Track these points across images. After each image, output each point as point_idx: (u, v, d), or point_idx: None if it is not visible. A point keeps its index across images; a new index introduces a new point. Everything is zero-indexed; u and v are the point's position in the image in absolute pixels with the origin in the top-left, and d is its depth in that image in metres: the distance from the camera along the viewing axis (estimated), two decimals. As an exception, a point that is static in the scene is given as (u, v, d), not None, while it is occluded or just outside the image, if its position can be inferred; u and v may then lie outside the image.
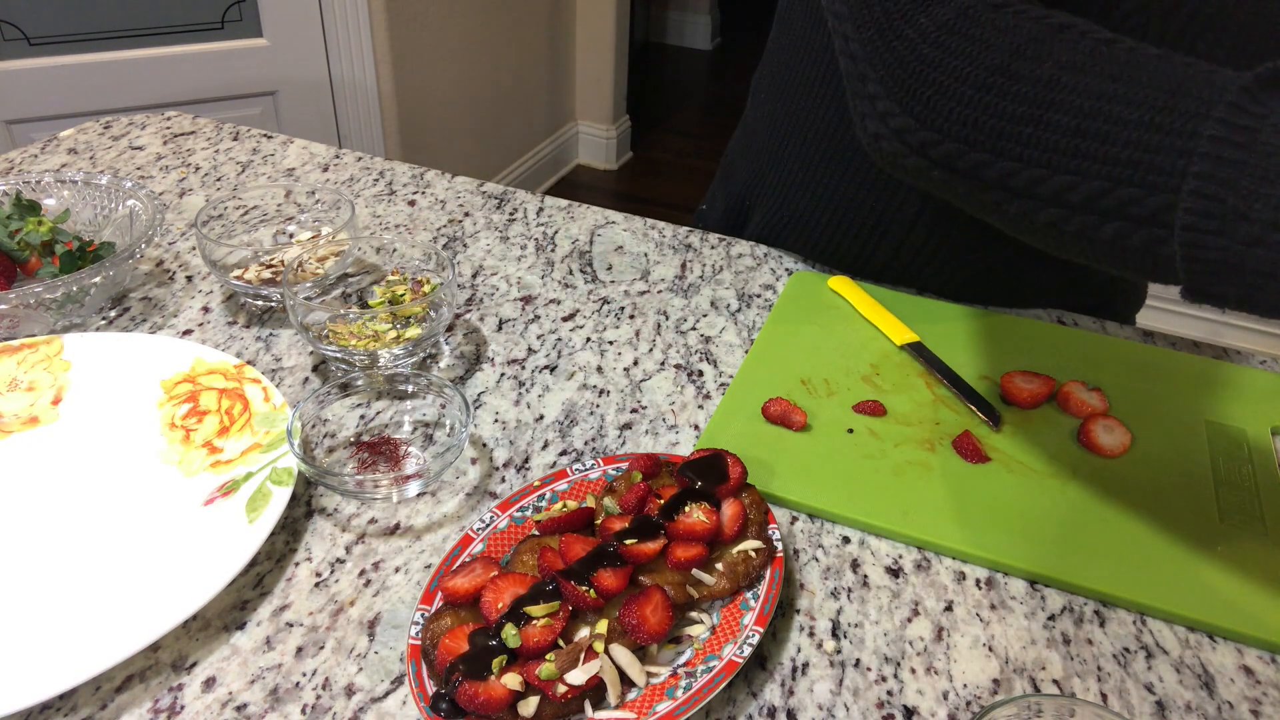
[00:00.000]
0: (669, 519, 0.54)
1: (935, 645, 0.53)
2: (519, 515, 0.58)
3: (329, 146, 1.08)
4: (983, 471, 0.64)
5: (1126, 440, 0.66)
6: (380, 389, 0.68)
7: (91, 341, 0.71)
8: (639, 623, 0.48)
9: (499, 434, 0.67)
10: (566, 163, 3.36)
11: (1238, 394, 0.72)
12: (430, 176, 1.03)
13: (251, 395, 0.66)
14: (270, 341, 0.76)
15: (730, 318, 0.81)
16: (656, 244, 0.92)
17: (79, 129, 1.09)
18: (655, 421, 0.69)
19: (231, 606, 0.54)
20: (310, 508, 0.61)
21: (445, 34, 2.43)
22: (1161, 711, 0.50)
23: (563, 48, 3.08)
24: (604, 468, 0.61)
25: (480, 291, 0.84)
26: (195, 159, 1.04)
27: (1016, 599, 0.56)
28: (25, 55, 1.83)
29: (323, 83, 2.19)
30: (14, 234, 0.77)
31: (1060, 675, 0.52)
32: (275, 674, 0.50)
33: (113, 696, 0.49)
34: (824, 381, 0.72)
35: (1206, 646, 0.54)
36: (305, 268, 0.76)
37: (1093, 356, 0.76)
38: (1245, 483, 0.64)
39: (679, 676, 0.49)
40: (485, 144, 2.81)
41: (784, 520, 0.61)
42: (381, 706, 0.49)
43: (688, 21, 4.58)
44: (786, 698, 0.50)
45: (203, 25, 1.99)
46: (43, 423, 0.65)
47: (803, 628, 0.54)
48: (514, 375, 0.73)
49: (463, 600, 0.51)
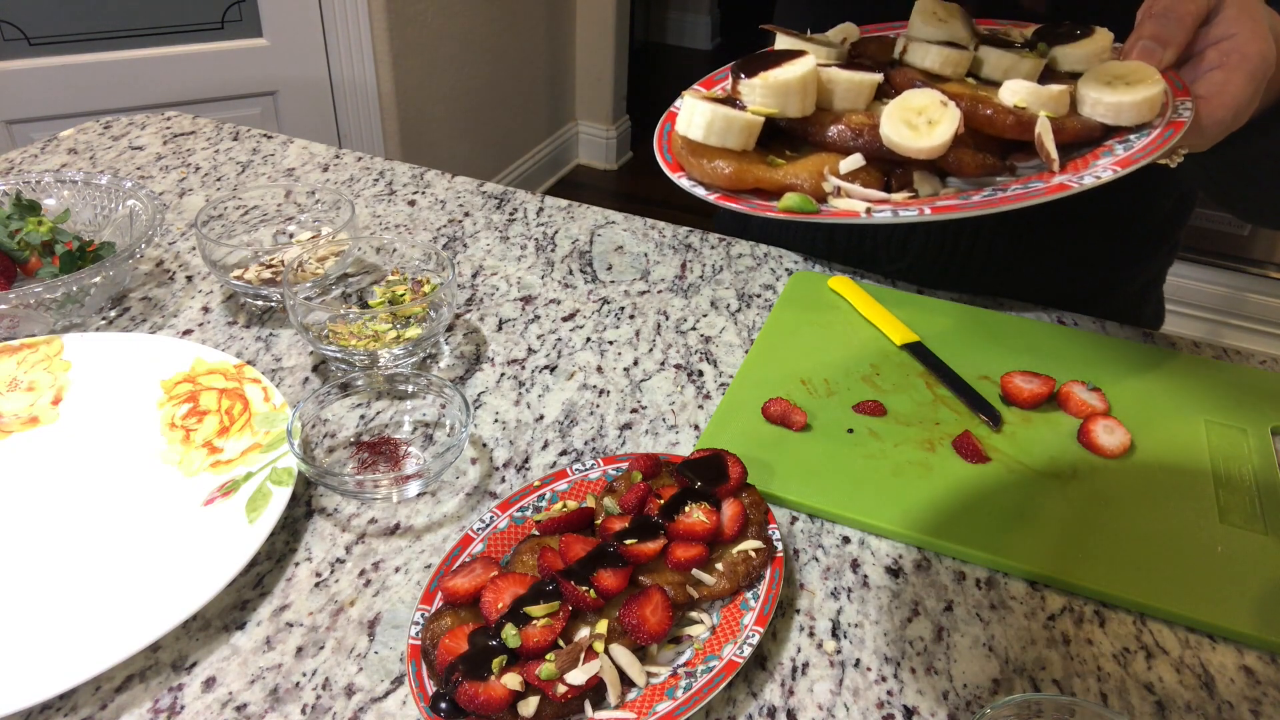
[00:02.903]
0: (669, 519, 0.54)
1: (935, 645, 0.53)
2: (519, 515, 0.58)
3: (329, 146, 1.08)
4: (983, 471, 0.64)
5: (1126, 440, 0.66)
6: (380, 389, 0.68)
7: (91, 341, 0.71)
8: (639, 623, 0.48)
9: (499, 434, 0.67)
10: (566, 163, 3.36)
11: (1238, 394, 0.72)
12: (430, 176, 1.03)
13: (251, 395, 0.66)
14: (270, 341, 0.76)
15: (730, 318, 0.81)
16: (656, 244, 0.92)
17: (79, 129, 1.09)
18: (655, 421, 0.69)
19: (231, 606, 0.54)
20: (310, 508, 0.61)
21: (445, 34, 2.43)
22: (1161, 711, 0.50)
23: (562, 48, 3.08)
24: (604, 468, 0.61)
25: (480, 291, 0.84)
26: (195, 159, 1.04)
27: (1016, 599, 0.56)
28: (25, 55, 1.83)
29: (323, 83, 2.19)
30: (14, 234, 0.77)
31: (1060, 675, 0.52)
32: (275, 674, 0.50)
33: (113, 696, 0.49)
34: (824, 381, 0.72)
35: (1206, 646, 0.54)
36: (305, 268, 0.76)
37: (1093, 356, 0.76)
38: (1245, 483, 0.64)
39: (679, 676, 0.49)
40: (485, 144, 2.81)
41: (784, 520, 0.61)
42: (381, 706, 0.49)
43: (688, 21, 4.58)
44: (786, 698, 0.50)
45: (203, 25, 1.99)
46: (43, 423, 0.65)
47: (803, 628, 0.54)
48: (514, 375, 0.73)
49: (463, 600, 0.51)
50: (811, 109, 0.43)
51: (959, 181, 0.42)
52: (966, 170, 0.41)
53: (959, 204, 0.38)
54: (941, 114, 0.40)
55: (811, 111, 0.43)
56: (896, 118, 0.40)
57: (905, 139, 0.39)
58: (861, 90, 0.44)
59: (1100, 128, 0.42)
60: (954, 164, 0.40)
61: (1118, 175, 0.38)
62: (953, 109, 0.40)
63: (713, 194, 0.41)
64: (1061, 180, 0.38)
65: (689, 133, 0.41)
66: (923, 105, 0.40)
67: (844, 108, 0.44)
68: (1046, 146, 0.40)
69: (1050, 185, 0.38)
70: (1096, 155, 0.41)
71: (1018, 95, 0.42)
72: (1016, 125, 0.41)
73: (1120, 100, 0.41)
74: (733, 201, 0.40)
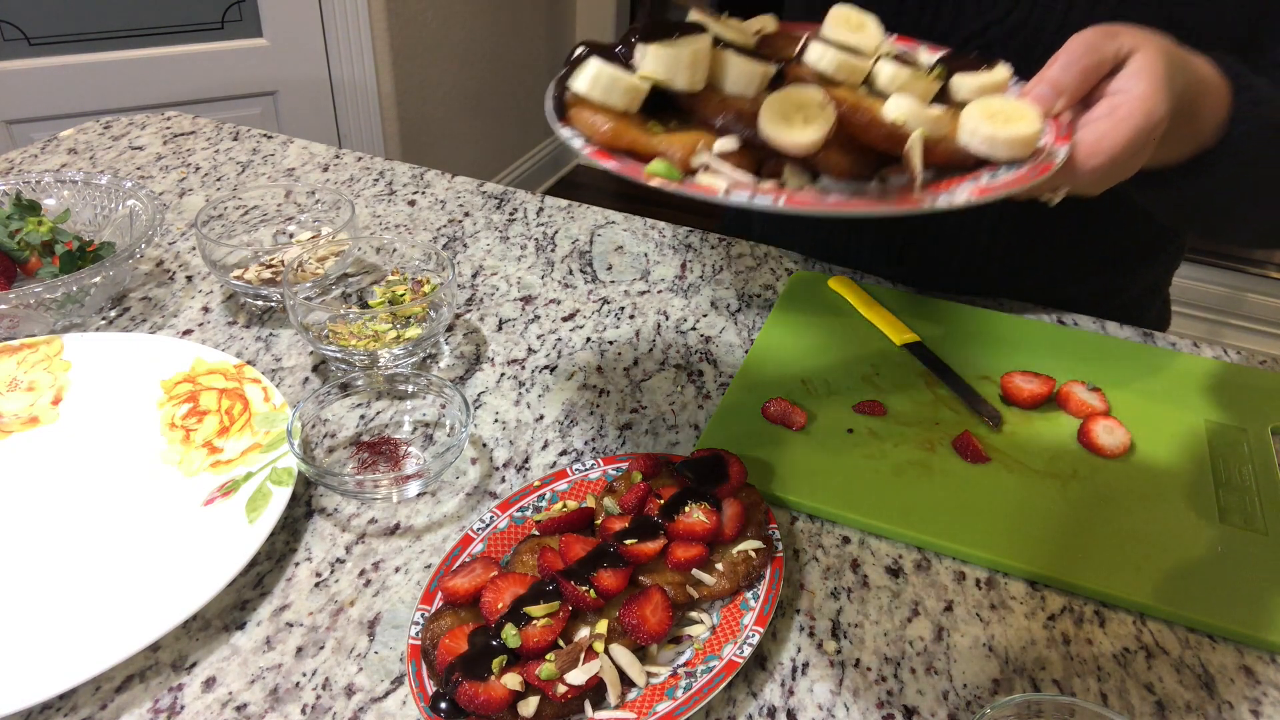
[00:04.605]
0: (669, 519, 0.54)
1: (935, 645, 0.53)
2: (519, 515, 0.58)
3: (329, 146, 1.08)
4: (983, 471, 0.64)
5: (1126, 440, 0.66)
6: (380, 389, 0.68)
7: (91, 341, 0.71)
8: (639, 623, 0.48)
9: (499, 434, 0.67)
10: (566, 163, 3.36)
11: (1238, 394, 0.72)
12: (430, 176, 1.03)
13: (251, 395, 0.66)
14: (270, 341, 0.76)
15: (730, 318, 0.81)
16: (656, 244, 0.92)
17: (79, 129, 1.09)
18: (655, 421, 0.69)
19: (231, 606, 0.54)
20: (310, 508, 0.61)
21: (445, 34, 2.43)
22: (1161, 711, 0.50)
23: (562, 48, 3.08)
24: (604, 468, 0.61)
25: (480, 291, 0.84)
26: (195, 159, 1.04)
27: (1016, 599, 0.56)
28: (25, 55, 1.83)
29: (323, 83, 2.19)
30: (14, 234, 0.77)
31: (1060, 675, 0.52)
32: (275, 674, 0.50)
33: (113, 696, 0.49)
34: (824, 381, 0.72)
35: (1206, 646, 0.54)
36: (305, 268, 0.76)
37: (1093, 356, 0.76)
38: (1245, 483, 0.64)
39: (679, 676, 0.49)
40: (485, 144, 2.81)
41: (784, 520, 0.61)
42: (381, 706, 0.49)
43: (688, 21, 4.58)
44: (786, 698, 0.50)
45: (203, 25, 1.99)
46: (43, 423, 0.65)
47: (803, 628, 0.54)
48: (514, 375, 0.73)
49: (463, 600, 0.51)
50: (700, 85, 0.44)
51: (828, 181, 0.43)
52: (834, 171, 0.42)
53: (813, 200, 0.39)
54: (818, 114, 0.41)
55: (700, 88, 0.44)
56: (775, 110, 0.41)
57: (779, 132, 0.40)
58: (753, 77, 0.44)
59: (972, 156, 0.44)
60: (824, 164, 0.42)
61: (971, 203, 0.40)
62: (830, 110, 0.41)
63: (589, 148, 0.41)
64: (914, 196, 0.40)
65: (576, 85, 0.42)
66: (802, 102, 0.41)
67: (734, 91, 0.44)
68: (913, 163, 0.42)
69: (903, 199, 0.39)
70: (964, 180, 0.42)
71: (900, 111, 0.43)
72: (889, 138, 0.42)
73: (996, 134, 0.42)
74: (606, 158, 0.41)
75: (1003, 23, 0.67)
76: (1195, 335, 1.14)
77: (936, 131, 0.43)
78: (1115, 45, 0.46)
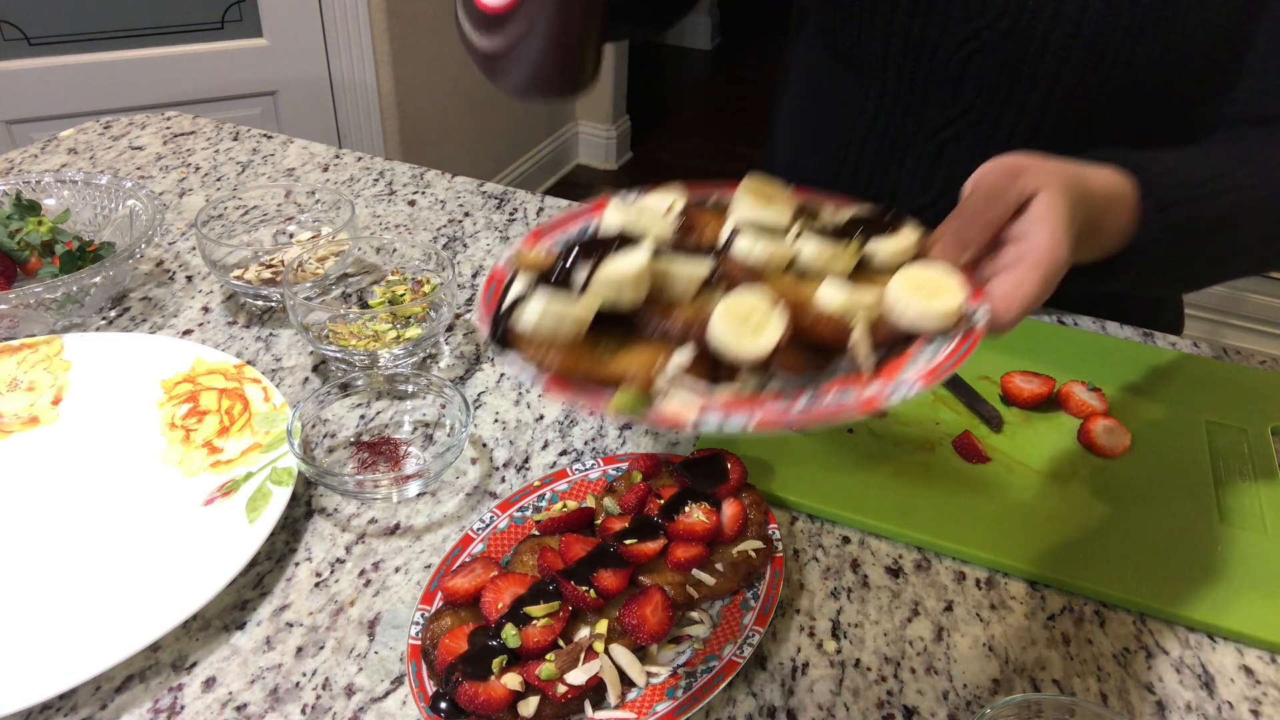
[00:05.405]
0: (669, 519, 0.54)
1: (935, 645, 0.53)
2: (519, 515, 0.58)
3: (329, 146, 1.08)
4: (983, 471, 0.64)
5: (1126, 440, 0.66)
6: (380, 389, 0.68)
7: (91, 341, 0.71)
8: (639, 623, 0.48)
9: (499, 434, 0.67)
10: (566, 163, 3.36)
11: (1238, 394, 0.72)
12: (430, 176, 1.03)
13: (251, 395, 0.66)
14: (270, 341, 0.76)
15: (730, 318, 0.81)
16: (656, 244, 0.92)
17: (79, 129, 1.09)
18: (655, 421, 0.69)
19: (231, 606, 0.54)
20: (310, 508, 0.61)
21: (445, 34, 2.43)
22: (1161, 711, 0.50)
23: (563, 48, 3.07)
24: (604, 468, 0.61)
25: (480, 291, 0.84)
26: (195, 159, 1.04)
27: (1016, 599, 0.56)
28: (25, 55, 1.83)
29: (323, 83, 2.19)
30: (14, 234, 0.77)
31: (1060, 675, 0.52)
32: (275, 674, 0.50)
33: (113, 696, 0.49)
34: (824, 381, 0.72)
35: (1206, 646, 0.54)
36: (305, 268, 0.76)
37: (1093, 356, 0.76)
38: (1245, 483, 0.64)
39: (679, 676, 0.49)
40: (485, 144, 2.81)
41: (784, 520, 0.61)
42: (381, 706, 0.49)
43: (687, 21, 4.58)
44: (786, 698, 0.50)
45: (203, 25, 1.99)
46: (43, 423, 0.65)
47: (803, 628, 0.54)
48: (514, 375, 0.73)
49: (463, 600, 0.51)
50: (643, 298, 0.45)
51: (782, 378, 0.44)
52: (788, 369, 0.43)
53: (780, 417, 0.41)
54: (767, 319, 0.42)
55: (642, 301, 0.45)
56: (725, 322, 0.42)
57: (734, 344, 0.42)
58: (693, 282, 0.45)
59: (902, 332, 0.46)
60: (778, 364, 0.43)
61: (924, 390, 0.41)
62: (778, 315, 0.42)
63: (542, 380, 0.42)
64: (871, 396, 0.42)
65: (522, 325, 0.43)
66: (749, 310, 0.43)
67: (674, 296, 0.45)
68: (860, 355, 0.43)
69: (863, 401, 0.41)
70: (905, 358, 0.44)
71: (836, 300, 0.44)
72: (835, 334, 0.44)
73: (925, 310, 0.44)
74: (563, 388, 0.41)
75: (993, 28, 0.68)
76: (1195, 335, 1.14)
77: (872, 315, 0.45)
78: (1018, 188, 0.47)
